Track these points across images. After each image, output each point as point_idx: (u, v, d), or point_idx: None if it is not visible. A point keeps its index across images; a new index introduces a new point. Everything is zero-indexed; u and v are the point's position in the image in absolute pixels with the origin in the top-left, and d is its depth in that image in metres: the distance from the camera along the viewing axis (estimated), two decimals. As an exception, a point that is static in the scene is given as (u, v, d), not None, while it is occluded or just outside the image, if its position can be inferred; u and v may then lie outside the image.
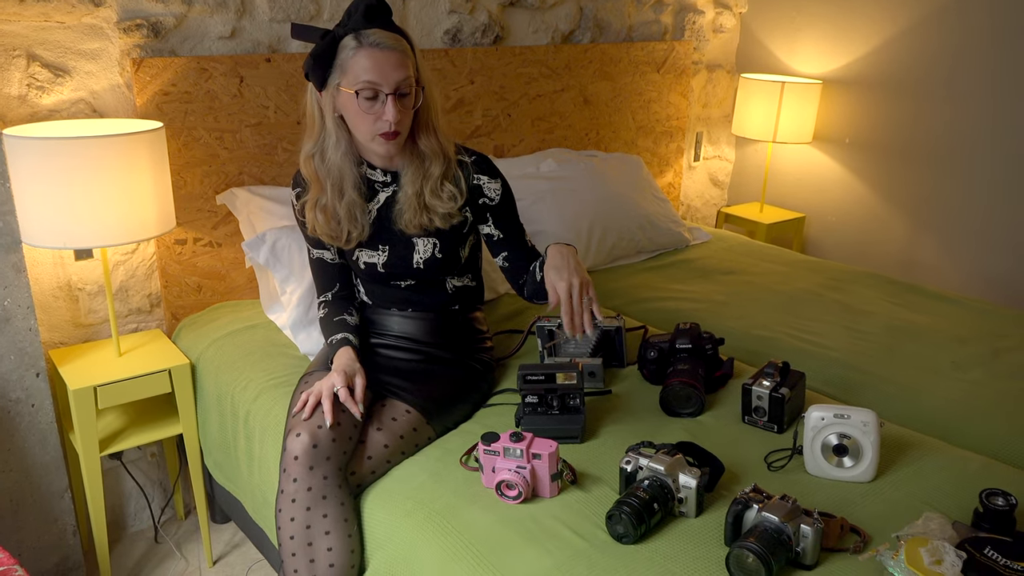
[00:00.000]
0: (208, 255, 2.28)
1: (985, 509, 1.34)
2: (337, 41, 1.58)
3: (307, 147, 1.69)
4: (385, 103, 1.57)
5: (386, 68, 1.55)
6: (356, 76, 1.56)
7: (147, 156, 1.88)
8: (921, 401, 1.87)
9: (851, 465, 1.49)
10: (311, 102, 1.66)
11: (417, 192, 1.69)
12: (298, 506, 1.50)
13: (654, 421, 1.71)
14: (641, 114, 3.19)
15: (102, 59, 2.06)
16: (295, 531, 1.50)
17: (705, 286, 2.56)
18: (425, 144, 1.68)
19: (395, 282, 1.79)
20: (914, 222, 3.07)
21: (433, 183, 1.69)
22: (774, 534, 1.25)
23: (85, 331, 2.19)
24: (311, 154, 1.68)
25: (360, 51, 1.55)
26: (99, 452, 1.96)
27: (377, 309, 1.84)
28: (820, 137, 3.30)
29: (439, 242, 1.74)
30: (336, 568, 1.49)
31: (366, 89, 1.56)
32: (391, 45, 1.56)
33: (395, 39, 1.57)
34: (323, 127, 1.66)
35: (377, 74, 1.55)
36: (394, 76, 1.56)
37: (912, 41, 2.96)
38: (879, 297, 2.48)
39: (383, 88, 1.56)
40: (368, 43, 1.55)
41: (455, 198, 1.71)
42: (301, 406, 1.57)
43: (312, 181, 1.69)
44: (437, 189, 1.69)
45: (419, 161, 1.69)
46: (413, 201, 1.69)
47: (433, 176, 1.69)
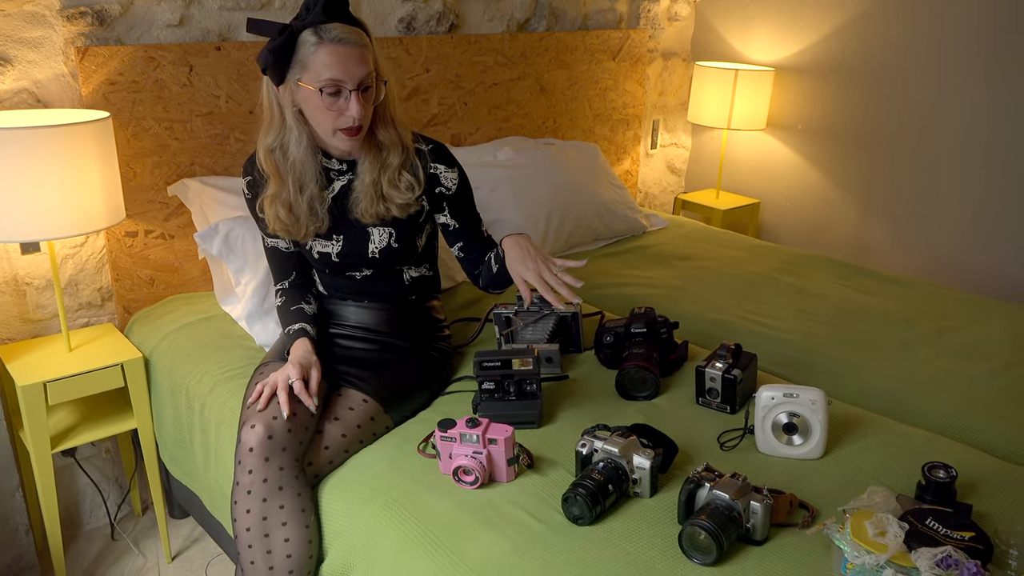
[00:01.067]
0: (160, 247, 2.24)
1: (927, 482, 1.38)
2: (296, 36, 1.54)
3: (267, 141, 1.65)
4: (349, 99, 1.56)
5: (349, 64, 1.53)
6: (318, 73, 1.53)
7: (94, 147, 1.84)
8: (868, 379, 1.92)
9: (800, 443, 1.53)
10: (269, 96, 1.63)
11: (374, 181, 1.68)
12: (254, 498, 1.49)
13: (610, 405, 1.73)
14: (598, 102, 3.21)
15: (45, 48, 2.01)
16: (251, 523, 1.49)
17: (662, 272, 2.59)
18: (384, 135, 1.67)
19: (350, 272, 1.78)
20: (865, 207, 3.14)
21: (391, 173, 1.68)
22: (725, 511, 1.28)
23: (34, 327, 2.14)
24: (271, 148, 1.65)
25: (321, 47, 1.53)
26: (51, 449, 1.92)
27: (333, 299, 1.83)
28: (773, 124, 3.36)
29: (395, 231, 1.74)
30: (293, 559, 1.49)
31: (329, 86, 1.54)
32: (353, 40, 1.54)
33: (357, 34, 1.55)
34: (283, 122, 1.63)
35: (340, 71, 1.53)
36: (357, 72, 1.54)
37: (862, 28, 3.02)
38: (831, 280, 2.54)
39: (347, 85, 1.54)
40: (330, 39, 1.53)
41: (413, 188, 1.71)
42: (256, 397, 1.56)
43: (272, 176, 1.67)
44: (395, 179, 1.69)
45: (376, 151, 1.68)
46: (370, 190, 1.68)
47: (392, 166, 1.68)
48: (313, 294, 1.83)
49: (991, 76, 2.71)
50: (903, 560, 1.19)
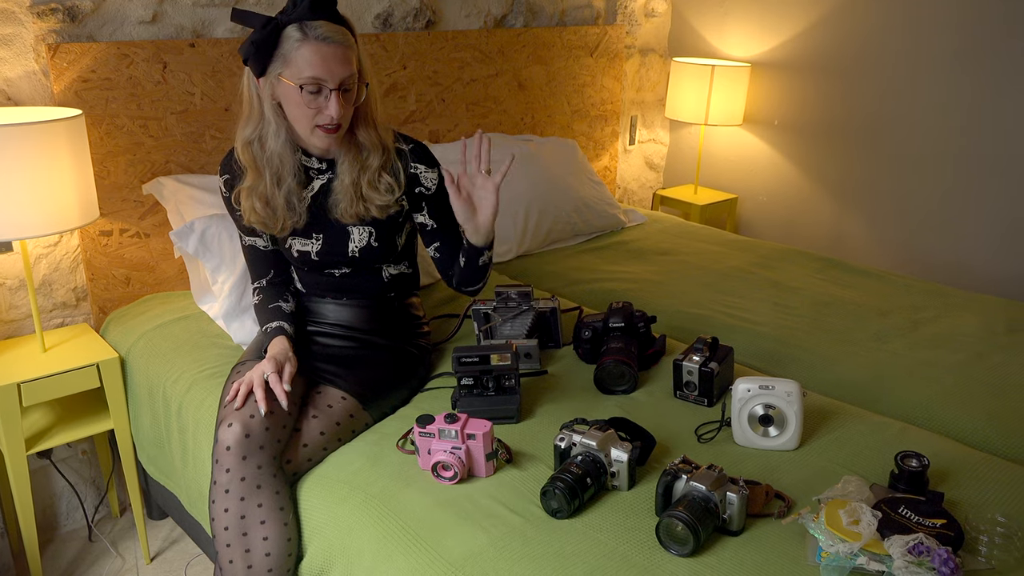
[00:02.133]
0: (136, 246, 2.22)
1: (900, 470, 1.40)
2: (280, 29, 1.53)
3: (245, 133, 1.64)
4: (329, 98, 1.54)
5: (332, 63, 1.52)
6: (300, 70, 1.52)
7: (66, 145, 1.82)
8: (843, 371, 1.94)
9: (776, 434, 1.55)
10: (249, 88, 1.62)
11: (354, 182, 1.67)
12: (232, 496, 1.48)
13: (589, 399, 1.74)
14: (576, 98, 3.22)
15: (15, 45, 1.99)
16: (229, 522, 1.48)
17: (640, 267, 2.61)
18: (364, 136, 1.66)
19: (329, 270, 1.77)
20: (840, 201, 3.17)
21: (371, 174, 1.67)
22: (702, 502, 1.29)
23: (7, 327, 2.12)
24: (249, 140, 1.64)
25: (305, 44, 1.51)
26: (25, 451, 1.90)
27: (312, 297, 1.82)
28: (750, 119, 3.38)
29: (375, 230, 1.73)
30: (272, 557, 1.48)
31: (310, 84, 1.53)
32: (338, 40, 1.53)
33: (342, 33, 1.54)
34: (262, 115, 1.62)
35: (323, 69, 1.52)
36: (339, 72, 1.53)
37: (836, 24, 3.04)
38: (806, 274, 2.57)
39: (328, 84, 1.53)
40: (314, 36, 1.51)
41: (392, 190, 1.70)
42: (233, 395, 1.55)
43: (249, 168, 1.66)
44: (375, 180, 1.68)
45: (356, 151, 1.67)
46: (350, 191, 1.67)
47: (371, 168, 1.67)
48: (291, 292, 1.82)
49: (963, 71, 2.74)
50: (876, 548, 1.21)
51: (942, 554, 1.17)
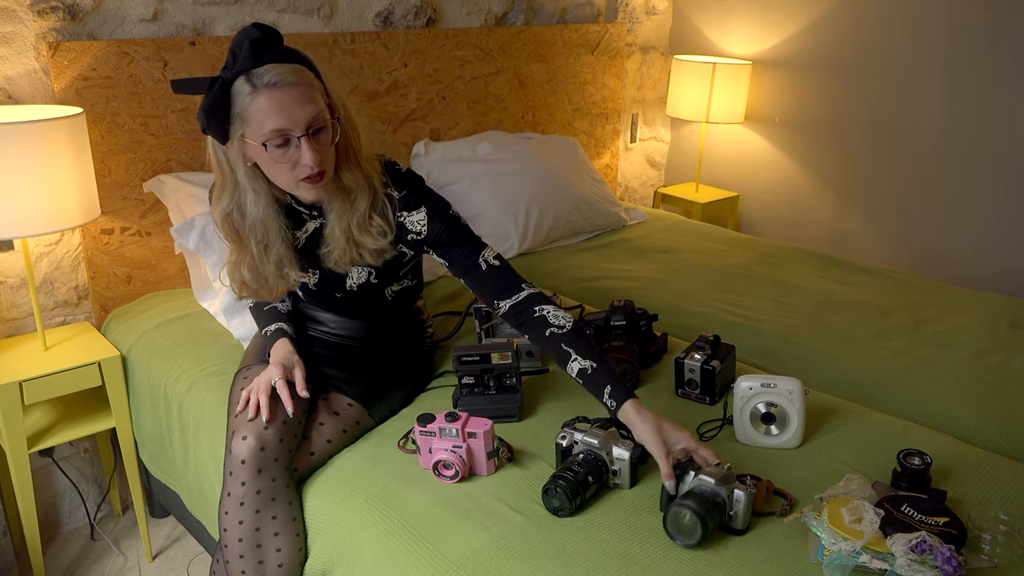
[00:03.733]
0: (137, 244, 2.22)
1: (902, 468, 1.40)
2: (227, 87, 1.38)
3: (223, 204, 1.51)
4: (300, 147, 1.40)
5: (291, 109, 1.37)
6: (260, 125, 1.38)
7: (67, 143, 1.82)
8: (845, 369, 1.94)
9: (778, 432, 1.55)
10: (216, 155, 1.48)
11: (344, 230, 1.54)
12: (247, 509, 1.46)
13: (590, 397, 1.73)
14: (576, 96, 3.21)
15: (15, 43, 1.99)
16: (244, 534, 1.46)
17: (642, 265, 2.60)
18: (348, 178, 1.51)
19: (328, 296, 1.71)
20: (842, 199, 3.17)
21: (360, 217, 1.54)
22: (710, 496, 1.29)
23: (8, 326, 2.12)
24: (228, 212, 1.52)
25: (257, 95, 1.36)
26: (27, 449, 1.90)
27: (312, 307, 1.76)
28: (751, 117, 3.38)
29: (374, 270, 1.66)
30: (285, 568, 1.47)
31: (275, 137, 1.38)
32: (291, 80, 1.37)
33: (294, 71, 1.38)
34: (236, 182, 1.49)
35: (283, 118, 1.37)
36: (302, 115, 1.38)
37: (838, 22, 3.04)
38: (808, 271, 2.56)
39: (294, 132, 1.38)
40: (264, 84, 1.36)
41: (384, 233, 1.56)
42: (244, 405, 1.51)
43: (233, 241, 1.55)
44: (365, 224, 1.54)
45: (345, 195, 1.53)
46: (341, 241, 1.55)
47: (359, 211, 1.53)
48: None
49: (965, 68, 2.74)
50: (879, 546, 1.21)
51: (945, 552, 1.17)
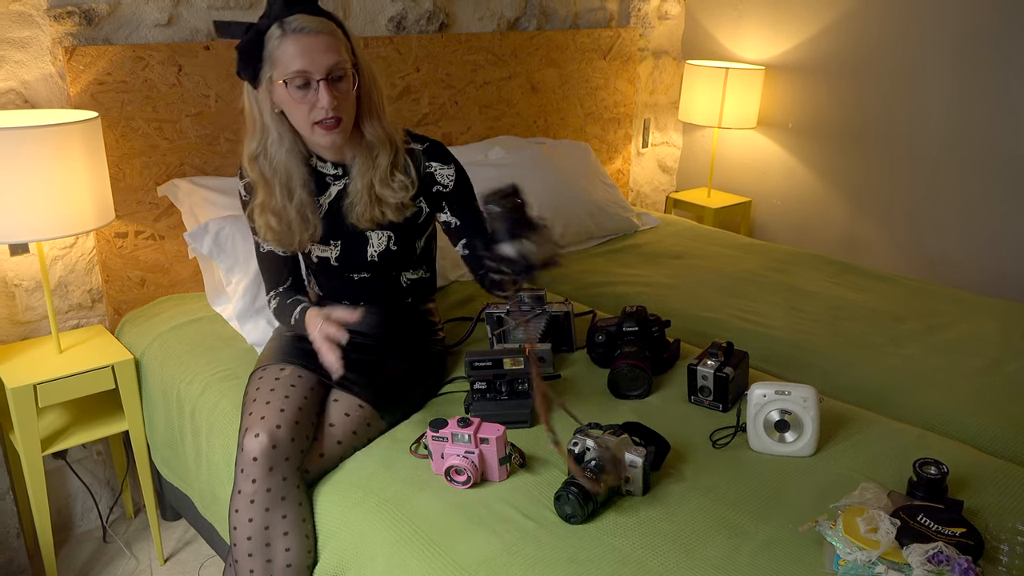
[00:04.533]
0: (151, 248, 2.23)
1: (918, 478, 1.39)
2: (262, 33, 1.51)
3: (250, 147, 1.62)
4: (318, 90, 1.51)
5: (314, 53, 1.49)
6: (285, 66, 1.50)
7: (82, 147, 1.83)
8: (859, 376, 1.92)
9: (792, 440, 1.53)
10: (248, 101, 1.59)
11: (367, 185, 1.63)
12: (257, 507, 1.46)
13: (603, 403, 1.73)
14: (589, 101, 3.21)
15: (32, 48, 2.00)
16: (253, 532, 1.47)
17: (654, 270, 2.59)
18: (370, 132, 1.62)
19: (348, 275, 1.76)
20: (855, 204, 3.15)
21: (382, 173, 1.63)
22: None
23: (23, 328, 2.13)
24: (255, 155, 1.61)
25: (285, 39, 1.49)
26: (41, 451, 1.91)
27: (328, 302, 1.80)
28: (764, 122, 3.36)
29: (394, 235, 1.71)
30: (293, 568, 1.47)
31: (296, 77, 1.50)
32: (316, 28, 1.50)
33: (320, 22, 1.51)
34: (263, 125, 1.59)
35: (305, 60, 1.49)
36: (323, 60, 1.50)
37: (851, 26, 3.03)
38: (821, 278, 2.55)
39: (313, 74, 1.50)
40: (291, 29, 1.49)
41: (406, 188, 1.66)
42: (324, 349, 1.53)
43: (258, 183, 1.63)
44: (387, 179, 1.64)
45: (368, 152, 1.64)
46: (364, 194, 1.63)
47: (381, 166, 1.63)
48: (305, 293, 1.81)
49: (977, 73, 2.72)
50: (895, 556, 1.19)
51: (962, 563, 1.16)
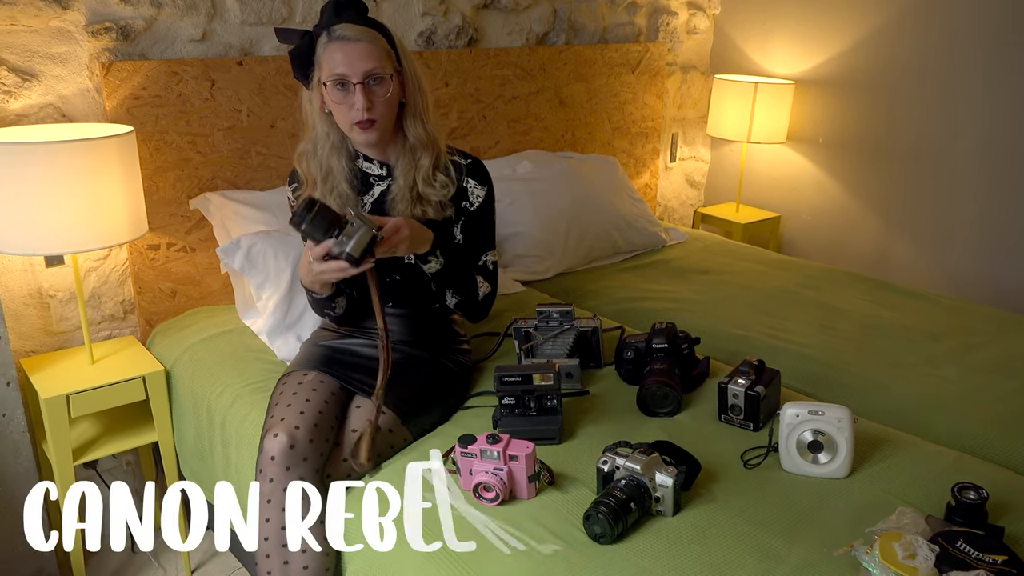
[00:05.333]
0: (182, 260, 2.26)
1: (957, 503, 1.35)
2: (314, 39, 1.64)
3: (301, 145, 1.73)
4: (355, 92, 1.60)
5: (352, 58, 1.59)
6: (328, 70, 1.61)
7: (117, 161, 1.86)
8: (894, 397, 1.89)
9: (826, 461, 1.51)
10: (303, 102, 1.71)
11: (410, 185, 1.71)
12: (274, 507, 1.48)
13: (631, 421, 1.71)
14: (616, 115, 3.20)
15: (70, 63, 2.04)
16: (270, 532, 1.49)
17: (682, 286, 2.57)
18: (413, 134, 1.71)
19: (382, 275, 1.76)
20: (887, 220, 3.11)
21: (424, 172, 1.71)
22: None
23: (57, 339, 2.16)
24: (304, 151, 1.72)
25: (330, 45, 1.61)
26: (73, 461, 1.93)
27: (357, 302, 1.82)
28: (794, 137, 3.33)
29: None
30: (310, 571, 1.48)
31: (336, 80, 1.60)
32: (357, 36, 1.60)
33: (362, 31, 1.61)
34: (313, 123, 1.71)
35: (344, 65, 1.59)
36: (360, 65, 1.59)
37: (883, 41, 3.00)
38: (853, 295, 2.51)
39: (351, 78, 1.60)
40: (335, 36, 1.61)
41: (447, 187, 1.74)
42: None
43: (306, 178, 1.73)
44: (429, 178, 1.72)
45: (410, 153, 1.72)
46: (406, 193, 1.71)
47: (424, 167, 1.71)
48: (344, 293, 1.81)
49: (1010, 89, 2.68)
50: (934, 584, 1.16)
51: (1004, 592, 1.12)
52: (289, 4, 2.33)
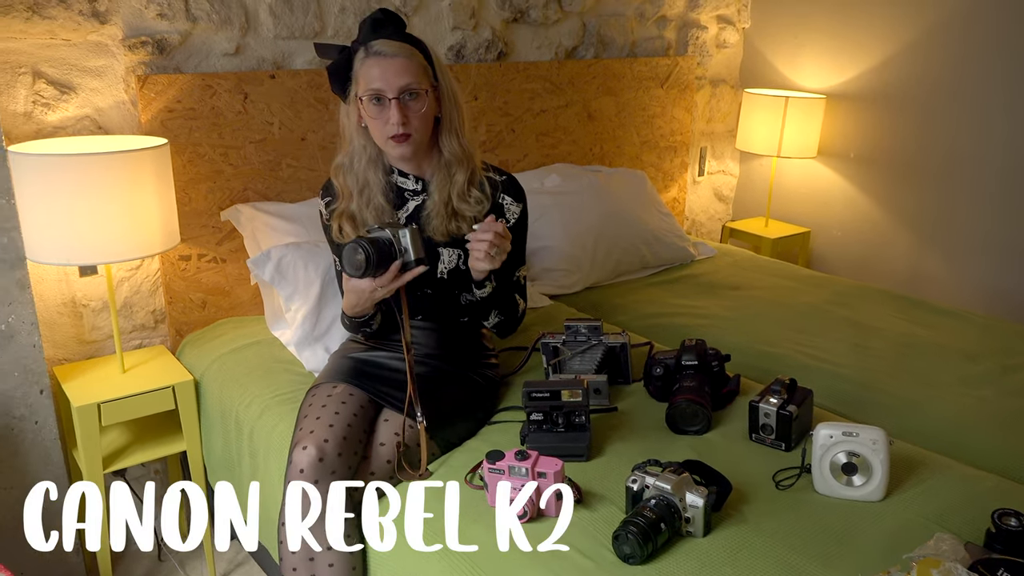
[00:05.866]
0: (212, 271, 2.28)
1: (997, 530, 1.32)
2: (353, 55, 1.65)
3: (337, 158, 1.75)
4: (389, 107, 1.61)
5: (388, 74, 1.60)
6: (365, 84, 1.63)
7: (152, 172, 1.88)
8: (929, 418, 1.85)
9: (861, 484, 1.48)
10: (342, 116, 1.73)
11: (445, 199, 1.72)
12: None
13: (660, 438, 1.70)
14: (645, 129, 3.19)
15: (107, 76, 2.07)
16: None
17: (711, 301, 2.55)
18: (448, 150, 1.71)
19: (413, 290, 1.76)
20: (919, 236, 3.06)
21: (459, 188, 1.72)
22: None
23: (89, 347, 2.18)
24: (340, 164, 1.74)
25: (367, 60, 1.62)
26: (103, 469, 1.95)
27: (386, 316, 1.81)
28: (825, 152, 3.30)
29: (463, 254, 1.74)
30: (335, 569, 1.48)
31: (372, 95, 1.62)
32: (394, 52, 1.62)
33: (399, 47, 1.62)
34: (350, 137, 1.72)
35: (380, 80, 1.61)
36: (396, 82, 1.61)
37: (916, 55, 2.96)
38: (886, 313, 2.47)
39: (387, 93, 1.61)
40: (372, 52, 1.62)
41: (482, 203, 1.74)
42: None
43: (342, 190, 1.74)
44: (464, 194, 1.73)
45: (446, 168, 1.73)
46: (441, 208, 1.72)
47: (458, 183, 1.72)
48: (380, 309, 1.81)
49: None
50: (974, 613, 1.13)
51: (1049, 624, 1.09)
52: (321, 19, 2.35)
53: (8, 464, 1.94)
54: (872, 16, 3.06)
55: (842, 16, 3.15)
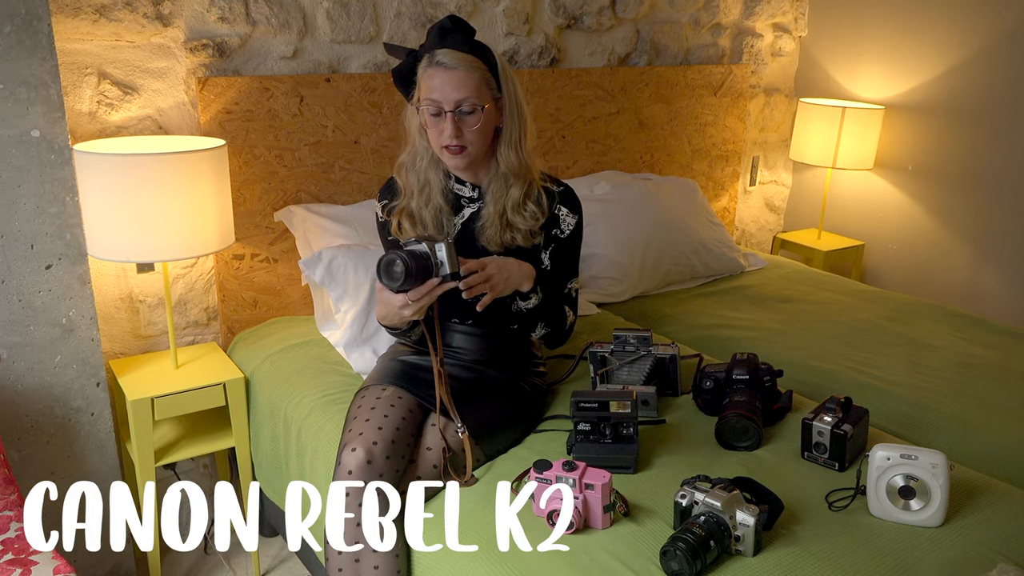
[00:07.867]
0: (264, 271, 2.31)
1: (1064, 562, 1.27)
2: (419, 60, 1.66)
3: (401, 156, 1.76)
4: (445, 118, 1.61)
5: (446, 87, 1.60)
6: (424, 93, 1.64)
7: (209, 173, 1.91)
8: (990, 441, 1.79)
9: (918, 508, 1.43)
10: (406, 116, 1.74)
11: (499, 211, 1.72)
12: (348, 521, 1.49)
13: (709, 453, 1.67)
14: (697, 137, 3.16)
15: (169, 78, 2.12)
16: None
17: (761, 314, 2.51)
18: (504, 162, 1.70)
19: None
20: (977, 252, 2.97)
21: (514, 202, 1.71)
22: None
23: (144, 342, 2.23)
24: (402, 163, 1.75)
25: (429, 69, 1.63)
26: (154, 462, 1.99)
27: (444, 322, 1.81)
28: (882, 163, 3.23)
29: None
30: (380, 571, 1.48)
31: (430, 105, 1.62)
32: (454, 64, 1.61)
33: (461, 58, 1.61)
34: (413, 137, 1.73)
35: (438, 92, 1.61)
36: (454, 95, 1.60)
37: (978, 68, 2.88)
38: (944, 331, 2.40)
39: (443, 105, 1.61)
40: (434, 62, 1.62)
41: (537, 217, 1.74)
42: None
43: (403, 188, 1.75)
44: (519, 207, 1.72)
45: (502, 180, 1.72)
46: (495, 219, 1.72)
47: (513, 197, 1.71)
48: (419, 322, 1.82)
49: None
50: (1040, 649, 1.09)
51: (1121, 665, 1.04)
52: (377, 23, 2.38)
53: (64, 454, 1.99)
54: (933, 26, 2.98)
55: (902, 26, 3.08)
